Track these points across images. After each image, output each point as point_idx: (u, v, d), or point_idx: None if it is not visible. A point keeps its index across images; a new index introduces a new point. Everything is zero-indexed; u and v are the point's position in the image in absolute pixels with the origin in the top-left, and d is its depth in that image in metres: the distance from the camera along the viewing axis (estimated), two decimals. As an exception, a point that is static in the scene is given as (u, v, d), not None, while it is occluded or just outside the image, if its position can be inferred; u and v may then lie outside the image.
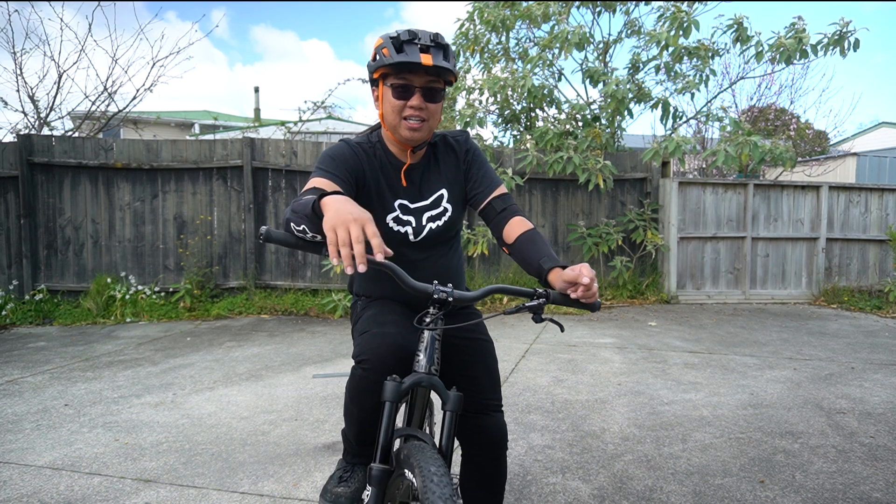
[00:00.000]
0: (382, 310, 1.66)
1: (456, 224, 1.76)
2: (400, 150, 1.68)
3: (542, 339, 5.41)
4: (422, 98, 1.54)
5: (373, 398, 1.47)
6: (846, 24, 7.02)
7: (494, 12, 7.71)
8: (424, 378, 1.40)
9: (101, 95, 8.40)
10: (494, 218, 1.68)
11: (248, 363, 4.63)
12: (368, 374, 1.48)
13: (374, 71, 1.56)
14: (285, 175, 7.04)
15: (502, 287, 1.47)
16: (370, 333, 1.54)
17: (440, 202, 1.71)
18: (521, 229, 1.61)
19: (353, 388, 1.55)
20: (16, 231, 6.79)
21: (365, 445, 1.64)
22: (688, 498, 2.44)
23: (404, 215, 1.68)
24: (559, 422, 3.32)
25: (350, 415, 1.61)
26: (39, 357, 4.90)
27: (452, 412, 1.38)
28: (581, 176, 6.73)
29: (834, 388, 3.93)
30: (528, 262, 1.55)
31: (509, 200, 1.70)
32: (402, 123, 1.57)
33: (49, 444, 3.05)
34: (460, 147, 1.75)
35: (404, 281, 1.37)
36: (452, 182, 1.73)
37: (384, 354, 1.47)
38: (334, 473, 1.69)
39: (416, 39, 1.49)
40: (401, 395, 1.37)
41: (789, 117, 12.52)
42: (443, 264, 1.76)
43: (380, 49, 1.53)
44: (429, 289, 1.41)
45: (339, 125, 12.95)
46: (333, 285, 6.97)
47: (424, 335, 1.45)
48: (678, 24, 7.25)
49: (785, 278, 7.75)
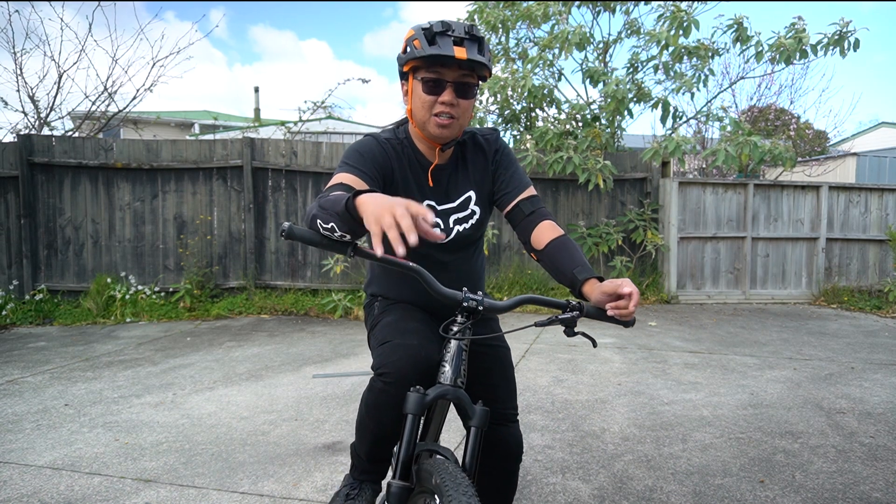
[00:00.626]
0: (403, 316, 1.58)
1: (482, 227, 1.69)
2: (428, 149, 1.60)
3: (543, 339, 5.41)
4: (454, 94, 1.46)
5: (391, 413, 1.39)
6: (846, 24, 7.02)
7: (494, 13, 7.71)
8: (450, 391, 1.33)
9: (102, 95, 8.41)
10: (522, 221, 1.58)
11: (248, 363, 4.63)
12: (389, 387, 1.40)
13: (405, 64, 1.47)
14: (285, 175, 7.04)
15: (534, 297, 1.39)
16: (391, 344, 1.45)
17: (468, 204, 1.63)
18: (552, 235, 1.52)
19: (371, 402, 1.47)
20: (16, 231, 6.79)
21: (376, 462, 1.56)
22: (688, 498, 2.44)
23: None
24: (559, 422, 3.32)
25: (365, 429, 1.52)
26: (39, 357, 4.90)
27: (478, 428, 1.31)
28: (581, 176, 6.73)
29: (834, 388, 3.93)
30: (561, 270, 1.46)
31: (538, 203, 1.60)
32: (431, 120, 1.48)
33: (49, 443, 3.05)
34: (490, 146, 1.66)
35: (433, 286, 1.30)
36: (480, 183, 1.65)
37: (406, 368, 1.39)
38: (340, 490, 1.60)
39: (449, 31, 1.40)
40: (425, 408, 1.30)
41: (789, 117, 12.52)
42: (468, 267, 1.69)
43: (411, 41, 1.45)
44: (458, 296, 1.34)
45: (339, 125, 12.95)
46: (333, 285, 6.97)
47: (451, 345, 1.37)
48: (678, 23, 7.25)
49: (785, 278, 7.75)
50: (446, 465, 1.23)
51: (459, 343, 1.37)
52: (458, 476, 1.18)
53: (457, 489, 1.13)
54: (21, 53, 8.13)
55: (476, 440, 1.31)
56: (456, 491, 1.12)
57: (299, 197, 7.09)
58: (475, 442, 1.31)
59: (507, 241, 7.40)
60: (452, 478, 1.17)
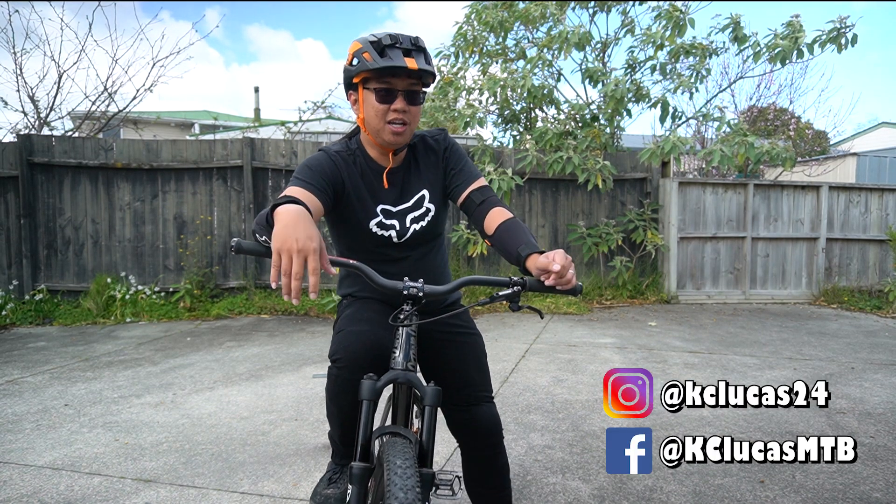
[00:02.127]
0: (360, 309, 1.68)
1: (440, 223, 1.77)
2: (380, 154, 1.68)
3: (543, 339, 5.41)
4: (405, 101, 1.54)
5: (349, 397, 1.47)
6: (843, 19, 7.05)
7: (493, 14, 7.72)
8: (400, 374, 1.41)
9: (101, 95, 8.41)
10: (475, 211, 1.66)
11: (248, 363, 4.63)
12: (343, 372, 1.49)
13: (355, 75, 1.55)
14: (285, 175, 7.04)
15: (475, 278, 1.48)
16: (345, 332, 1.56)
17: (422, 203, 1.71)
18: (501, 219, 1.59)
19: (330, 388, 1.57)
20: (16, 231, 6.79)
21: (350, 446, 1.63)
22: (688, 498, 2.45)
23: (387, 219, 1.68)
24: (559, 422, 3.32)
25: (331, 415, 1.63)
26: (39, 357, 4.90)
27: (430, 406, 1.38)
28: (581, 176, 6.74)
29: (834, 387, 3.92)
30: (508, 250, 1.53)
31: (488, 192, 1.68)
32: (385, 128, 1.56)
33: (49, 444, 3.05)
34: (439, 146, 1.75)
35: (374, 280, 1.40)
36: (433, 182, 1.73)
37: (358, 352, 1.49)
38: (324, 476, 1.71)
39: (398, 43, 1.48)
40: (377, 393, 1.38)
41: (789, 117, 12.52)
42: (427, 262, 1.76)
43: (359, 53, 1.51)
44: (398, 285, 1.42)
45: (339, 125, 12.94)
46: (333, 285, 6.97)
47: (400, 332, 1.45)
48: (674, 22, 7.26)
49: (785, 278, 7.75)
50: (394, 441, 1.33)
51: (407, 329, 1.44)
52: (402, 447, 1.29)
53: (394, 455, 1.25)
54: (21, 53, 8.14)
55: (430, 417, 1.38)
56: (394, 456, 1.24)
57: (299, 197, 7.08)
58: (430, 420, 1.38)
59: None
60: (395, 448, 1.28)
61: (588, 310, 6.84)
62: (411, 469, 1.22)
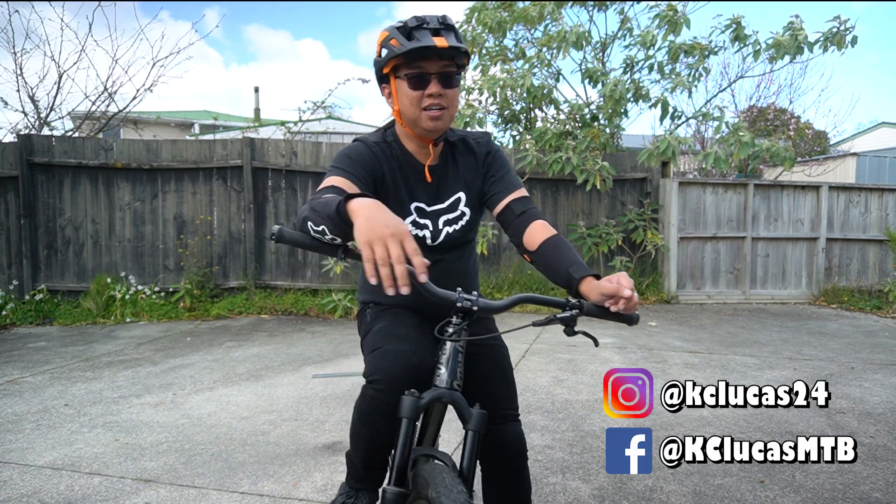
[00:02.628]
0: (394, 322, 1.56)
1: (473, 228, 1.69)
2: (418, 148, 1.59)
3: (542, 339, 5.41)
4: (439, 84, 1.45)
5: (385, 420, 1.37)
6: (844, 21, 7.05)
7: (492, 14, 7.72)
8: (445, 394, 1.31)
9: (102, 95, 8.41)
10: (513, 222, 1.55)
11: (248, 363, 4.63)
12: (381, 394, 1.37)
13: (384, 65, 1.46)
14: (285, 175, 7.04)
15: (531, 297, 1.37)
16: (382, 351, 1.44)
17: (457, 206, 1.62)
18: (545, 235, 1.48)
19: (363, 410, 1.45)
20: (16, 231, 6.79)
21: (372, 470, 1.53)
22: (688, 498, 2.45)
23: (421, 219, 1.60)
24: (559, 422, 3.32)
25: (358, 437, 1.50)
26: (39, 357, 4.90)
27: (475, 432, 1.28)
28: (579, 177, 6.74)
29: (834, 387, 3.92)
30: (556, 270, 1.43)
31: (529, 203, 1.58)
32: (422, 115, 1.47)
33: (49, 443, 3.05)
34: (480, 149, 1.65)
35: (427, 288, 1.25)
36: (470, 185, 1.64)
37: (397, 374, 1.37)
38: (336, 499, 1.58)
39: (424, 24, 1.40)
40: (419, 412, 1.28)
41: (788, 117, 12.52)
42: (458, 267, 1.68)
43: (387, 42, 1.44)
44: (452, 297, 1.30)
45: (339, 125, 12.95)
46: (333, 285, 6.97)
47: (446, 347, 1.34)
48: (668, 21, 7.28)
49: (785, 278, 7.75)
50: (441, 471, 1.20)
51: (455, 345, 1.34)
52: (451, 480, 1.16)
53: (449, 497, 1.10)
54: (21, 53, 8.13)
55: (473, 444, 1.28)
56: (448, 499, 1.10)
57: (299, 197, 7.09)
58: (472, 446, 1.28)
59: (506, 242, 7.40)
60: (446, 485, 1.15)
61: (588, 310, 6.83)
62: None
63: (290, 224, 7.05)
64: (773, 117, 12.03)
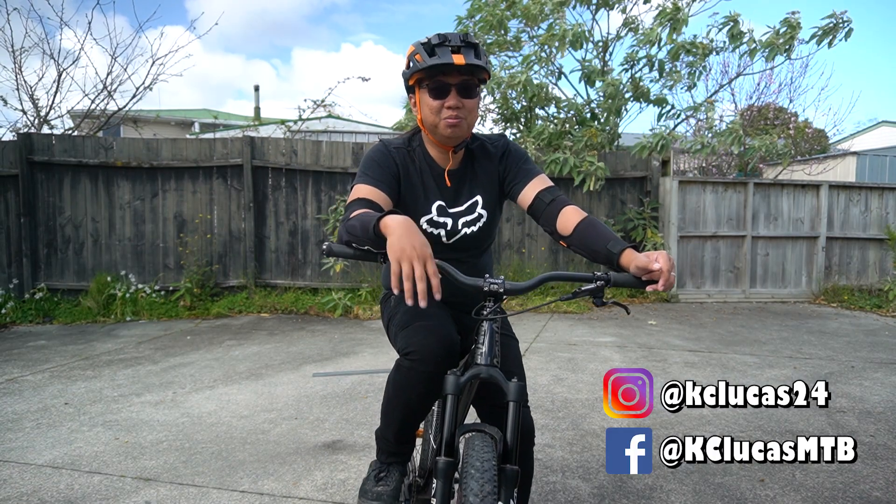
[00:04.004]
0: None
1: (491, 229, 1.78)
2: (440, 154, 1.71)
3: (543, 337, 5.41)
4: (458, 96, 1.57)
5: (419, 389, 1.51)
6: (841, 15, 7.09)
7: (492, 12, 7.71)
8: (483, 370, 1.40)
9: (101, 94, 8.40)
10: (544, 211, 1.64)
11: (248, 362, 4.63)
12: (417, 364, 1.50)
13: (410, 78, 1.60)
14: (285, 174, 7.04)
15: (557, 274, 1.49)
16: (414, 326, 1.56)
17: (475, 208, 1.73)
18: (578, 218, 1.58)
19: (399, 380, 1.56)
20: (16, 230, 6.79)
21: (403, 444, 1.66)
22: (688, 496, 2.45)
23: (440, 217, 1.71)
24: (559, 420, 3.32)
25: (393, 409, 1.62)
26: (39, 356, 4.90)
27: (516, 402, 1.36)
28: (577, 178, 6.77)
29: (834, 386, 3.93)
30: (594, 249, 1.51)
31: (557, 192, 1.67)
32: (441, 123, 1.59)
33: (49, 442, 3.05)
34: (497, 151, 1.75)
35: (456, 277, 1.40)
36: (487, 188, 1.75)
37: (432, 346, 1.49)
38: (370, 474, 1.69)
39: (446, 42, 1.53)
40: (462, 388, 1.38)
41: (788, 116, 12.50)
42: (472, 264, 1.76)
43: (412, 56, 1.58)
44: (479, 282, 1.42)
45: (339, 124, 12.93)
46: (333, 284, 6.97)
47: (484, 326, 1.43)
48: (672, 19, 7.29)
49: (785, 277, 7.75)
50: (477, 440, 1.33)
51: (492, 324, 1.43)
52: (482, 448, 1.29)
53: (479, 460, 1.25)
54: (20, 52, 8.12)
55: (516, 415, 1.36)
56: (477, 461, 1.25)
57: (299, 195, 7.09)
58: (515, 416, 1.36)
59: (507, 240, 7.40)
60: (476, 450, 1.28)
61: (588, 309, 6.84)
62: (489, 473, 1.21)
63: (289, 224, 7.06)
64: (773, 116, 12.01)
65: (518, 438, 1.36)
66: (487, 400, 1.64)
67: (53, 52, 8.47)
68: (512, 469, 1.31)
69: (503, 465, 1.31)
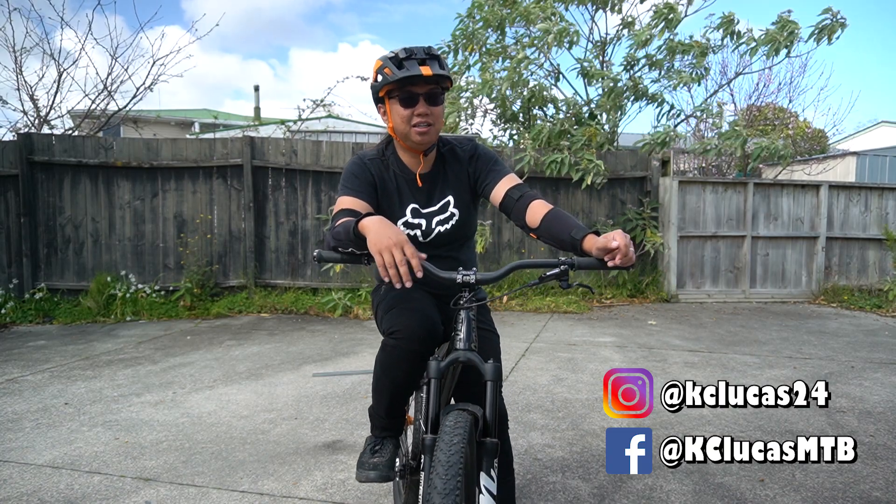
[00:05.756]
0: (407, 291, 1.76)
1: (466, 226, 1.89)
2: (411, 159, 1.83)
3: (543, 337, 5.41)
4: (426, 104, 1.69)
5: (404, 366, 1.65)
6: (836, 14, 7.11)
7: (493, 11, 7.72)
8: (461, 354, 1.51)
9: (101, 94, 8.40)
10: (514, 206, 1.75)
11: (248, 362, 4.63)
12: (401, 342, 1.62)
13: (381, 89, 1.70)
14: (285, 174, 7.04)
15: (524, 262, 1.59)
16: (399, 308, 1.69)
17: (447, 208, 1.85)
18: (544, 210, 1.68)
19: (385, 360, 1.70)
20: (16, 230, 6.78)
21: (394, 418, 1.81)
22: (688, 497, 2.45)
23: (414, 219, 1.83)
24: (559, 420, 3.32)
25: (382, 387, 1.76)
26: (39, 356, 4.90)
27: (493, 382, 1.46)
28: (575, 175, 6.78)
29: (834, 386, 3.93)
30: (560, 237, 1.61)
31: (525, 188, 1.78)
32: (412, 130, 1.70)
33: (49, 442, 3.05)
34: (465, 154, 1.87)
35: (432, 272, 1.50)
36: (458, 189, 1.86)
37: (413, 325, 1.62)
38: (365, 448, 1.82)
39: (413, 55, 1.65)
40: (442, 372, 1.49)
41: (788, 116, 12.50)
42: (454, 258, 1.87)
43: (381, 70, 1.68)
44: (453, 275, 1.53)
45: (339, 124, 12.92)
46: (333, 284, 6.97)
47: (461, 314, 1.55)
48: (665, 18, 7.32)
49: (785, 277, 7.75)
50: (453, 416, 1.41)
51: (468, 312, 1.55)
52: (456, 423, 1.37)
53: (450, 434, 1.34)
54: (21, 52, 8.12)
55: (493, 393, 1.46)
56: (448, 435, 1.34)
57: (299, 195, 7.09)
58: (493, 395, 1.46)
59: (507, 241, 7.40)
60: (450, 425, 1.37)
61: (588, 308, 6.84)
62: (457, 446, 1.32)
63: (289, 224, 7.06)
64: (773, 116, 12.01)
65: (496, 415, 1.46)
66: (467, 388, 1.75)
67: (54, 52, 8.47)
68: (492, 441, 1.42)
69: (483, 439, 1.43)
